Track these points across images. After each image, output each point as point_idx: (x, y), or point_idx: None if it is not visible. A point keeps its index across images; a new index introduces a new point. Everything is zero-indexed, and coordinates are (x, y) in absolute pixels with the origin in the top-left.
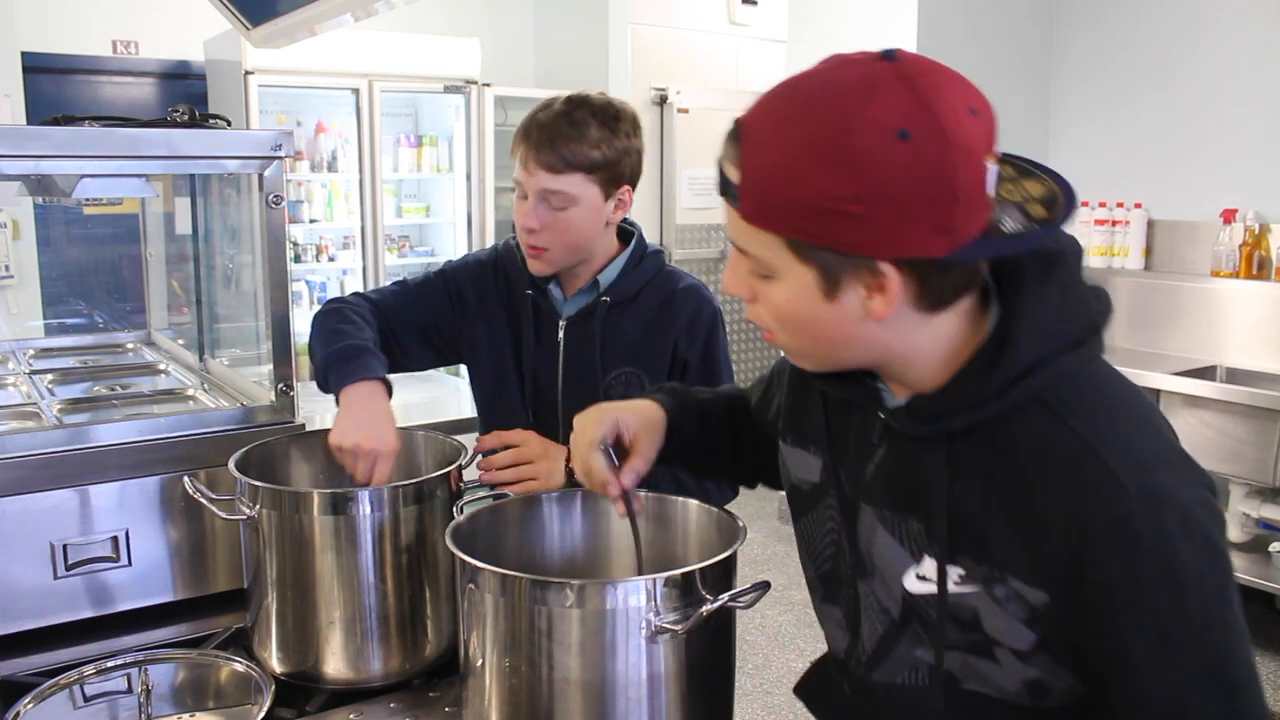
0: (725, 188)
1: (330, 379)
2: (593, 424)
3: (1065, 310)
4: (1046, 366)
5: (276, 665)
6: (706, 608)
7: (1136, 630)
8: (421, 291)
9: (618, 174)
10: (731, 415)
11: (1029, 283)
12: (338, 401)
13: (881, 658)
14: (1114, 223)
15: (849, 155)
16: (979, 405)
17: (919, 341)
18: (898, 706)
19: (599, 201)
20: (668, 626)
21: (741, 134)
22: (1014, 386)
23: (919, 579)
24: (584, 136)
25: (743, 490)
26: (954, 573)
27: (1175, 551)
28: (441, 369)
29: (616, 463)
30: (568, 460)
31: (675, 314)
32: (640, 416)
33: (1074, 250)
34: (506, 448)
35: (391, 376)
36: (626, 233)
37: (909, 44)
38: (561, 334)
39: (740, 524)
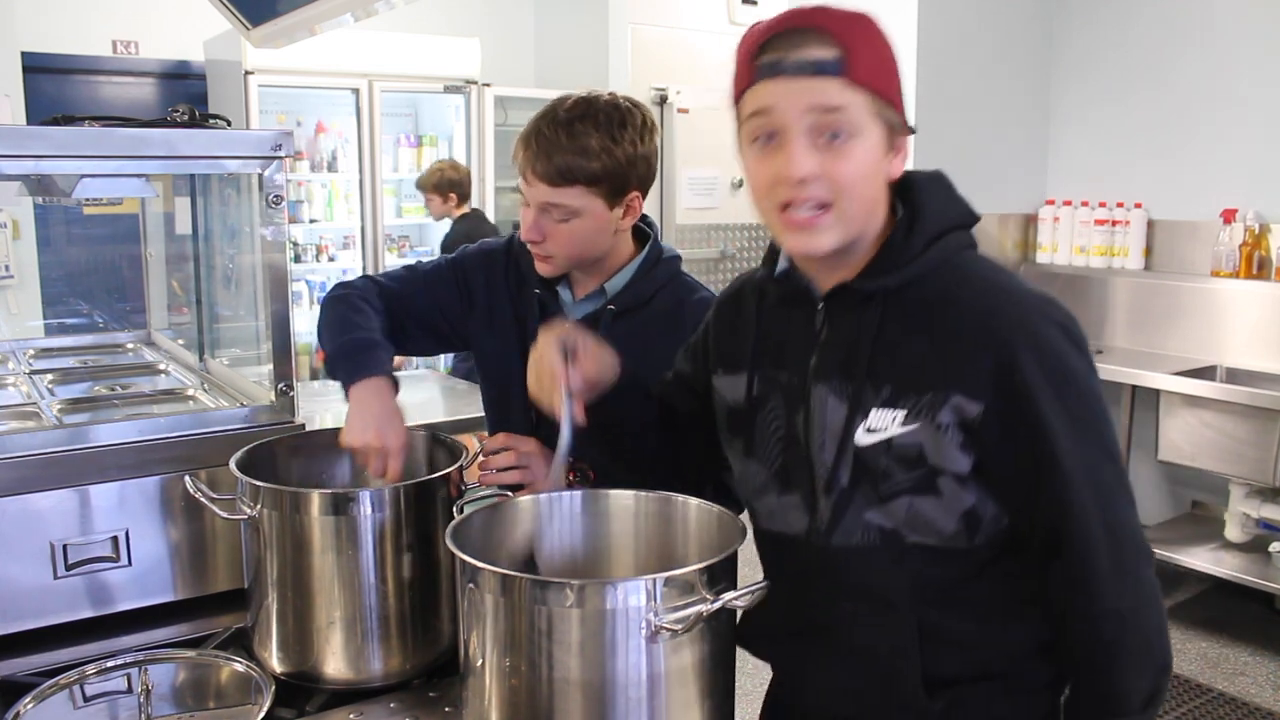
0: (816, 66)
1: (339, 373)
2: (557, 330)
3: (950, 202)
4: (947, 236)
5: (277, 665)
6: (706, 608)
7: (1055, 417)
8: (430, 279)
9: (623, 183)
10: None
11: (923, 184)
12: (347, 396)
13: (837, 522)
14: (1114, 223)
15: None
16: (905, 265)
17: (879, 214)
18: (854, 567)
19: (604, 211)
20: (668, 626)
21: (832, 21)
22: (928, 249)
23: (867, 432)
24: (584, 149)
25: None
26: (899, 415)
27: (1069, 356)
28: (441, 369)
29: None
30: (569, 473)
31: (683, 326)
32: (601, 348)
33: (940, 173)
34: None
35: (401, 374)
36: (644, 233)
37: (909, 44)
38: None
39: (740, 523)
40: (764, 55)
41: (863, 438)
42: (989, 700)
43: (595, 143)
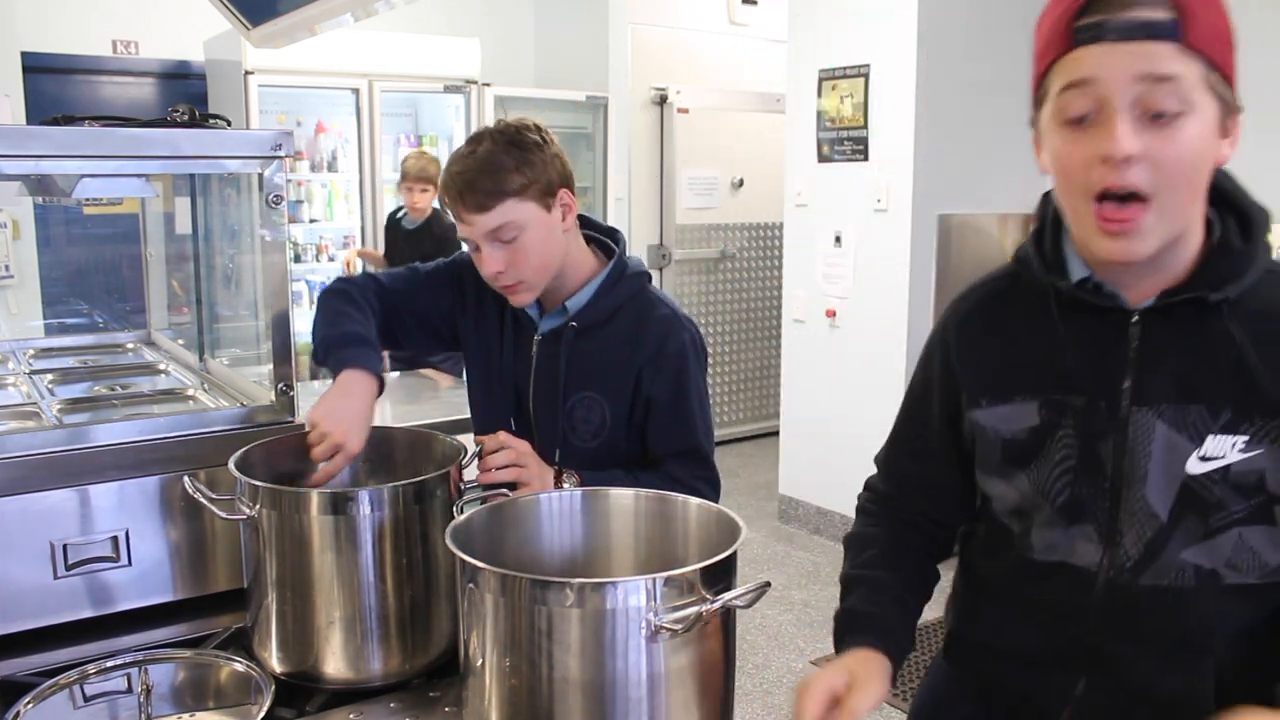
0: (1148, 28)
1: (330, 358)
2: (830, 672)
3: (1257, 202)
4: (1268, 243)
5: (276, 665)
6: (706, 608)
7: None
8: (429, 279)
9: (547, 184)
10: (920, 567)
11: (1233, 187)
12: (334, 378)
13: (1149, 561)
14: None
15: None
16: (1243, 272)
17: (1201, 209)
18: (1154, 608)
19: (543, 216)
20: (667, 626)
21: None
22: (1252, 258)
23: (1201, 460)
24: (498, 166)
25: (743, 490)
26: (1239, 441)
27: None
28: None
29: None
30: (556, 479)
31: (642, 344)
32: (865, 668)
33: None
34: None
35: (394, 376)
36: (608, 250)
37: (909, 44)
38: (535, 349)
39: (740, 524)
40: (1084, 16)
41: (1196, 466)
42: None
43: (505, 158)
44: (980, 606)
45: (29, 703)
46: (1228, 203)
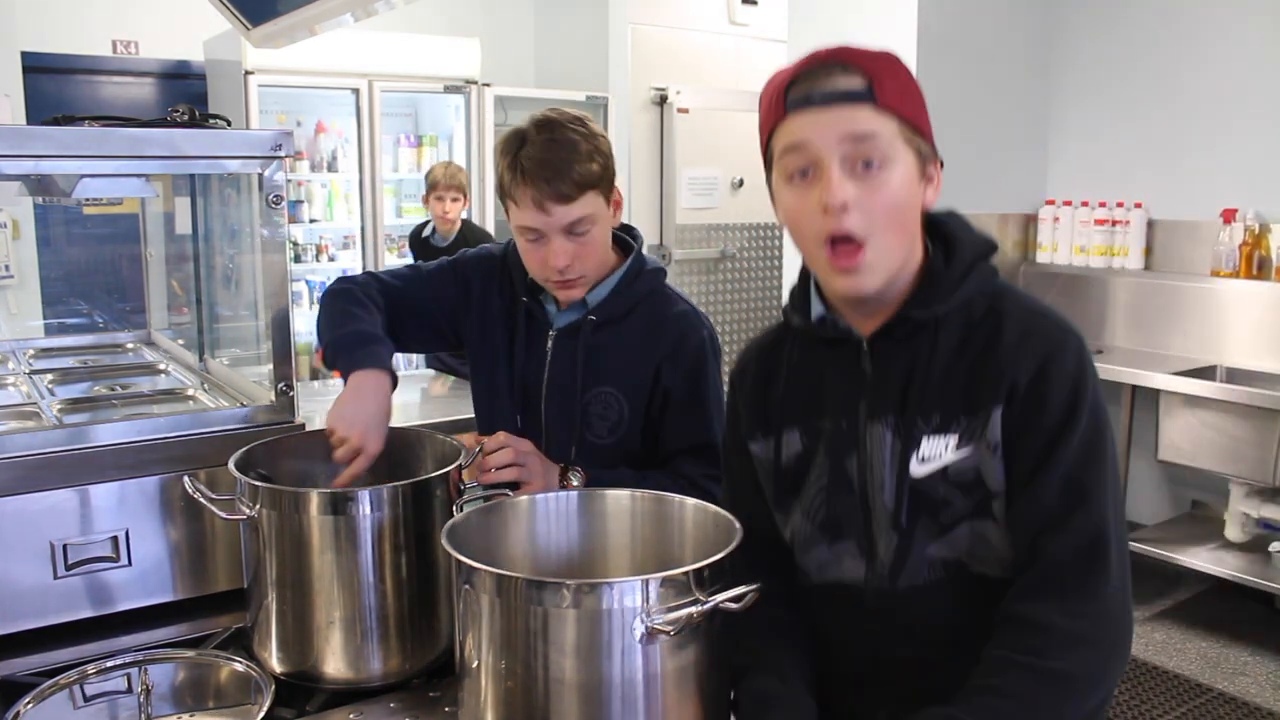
0: (846, 95)
1: (339, 361)
2: None
3: (973, 233)
4: (978, 266)
5: (276, 665)
6: (699, 609)
7: (1064, 434)
8: (431, 278)
9: (610, 178)
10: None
11: (945, 219)
12: (345, 382)
13: (901, 564)
14: (1114, 222)
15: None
16: (950, 293)
17: (917, 248)
18: (918, 610)
19: (606, 212)
20: (660, 628)
21: (856, 56)
22: (965, 279)
23: (921, 462)
24: (580, 154)
25: None
26: (950, 441)
27: (1084, 373)
28: (442, 369)
29: None
30: (561, 478)
31: (661, 339)
32: None
33: (955, 210)
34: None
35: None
36: (628, 245)
37: (909, 44)
38: (550, 345)
39: (737, 524)
40: (793, 90)
41: (917, 469)
42: None
43: (584, 146)
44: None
45: (29, 703)
46: (940, 236)
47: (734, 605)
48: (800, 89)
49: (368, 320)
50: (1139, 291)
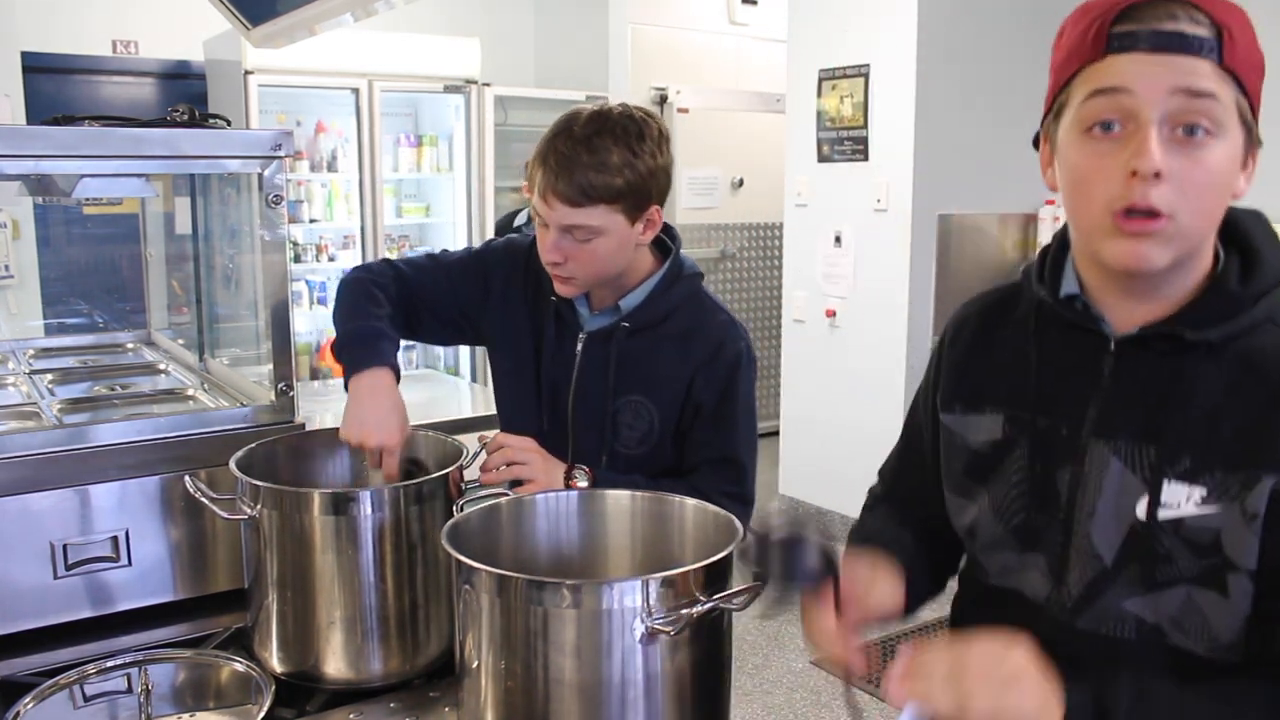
0: (1187, 42)
1: (342, 358)
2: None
3: (1276, 248)
4: (1276, 291)
5: (277, 665)
6: (697, 609)
7: None
8: (452, 269)
9: (644, 197)
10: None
11: (1250, 222)
12: (347, 386)
13: (1087, 604)
14: None
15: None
16: (1233, 316)
17: (1211, 240)
18: (1092, 655)
19: (625, 228)
20: (660, 628)
21: (1206, 1)
22: (1260, 300)
23: (1152, 506)
24: (605, 165)
25: None
26: (1196, 493)
27: None
28: (441, 369)
29: None
30: (566, 476)
31: (697, 349)
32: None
33: (1261, 213)
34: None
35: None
36: (666, 246)
37: (909, 44)
38: (580, 348)
39: (737, 525)
40: (1119, 24)
41: (1144, 511)
42: None
43: (616, 157)
44: (954, 625)
45: (29, 703)
46: (1238, 242)
47: (734, 605)
48: (1129, 24)
49: (373, 313)
50: None
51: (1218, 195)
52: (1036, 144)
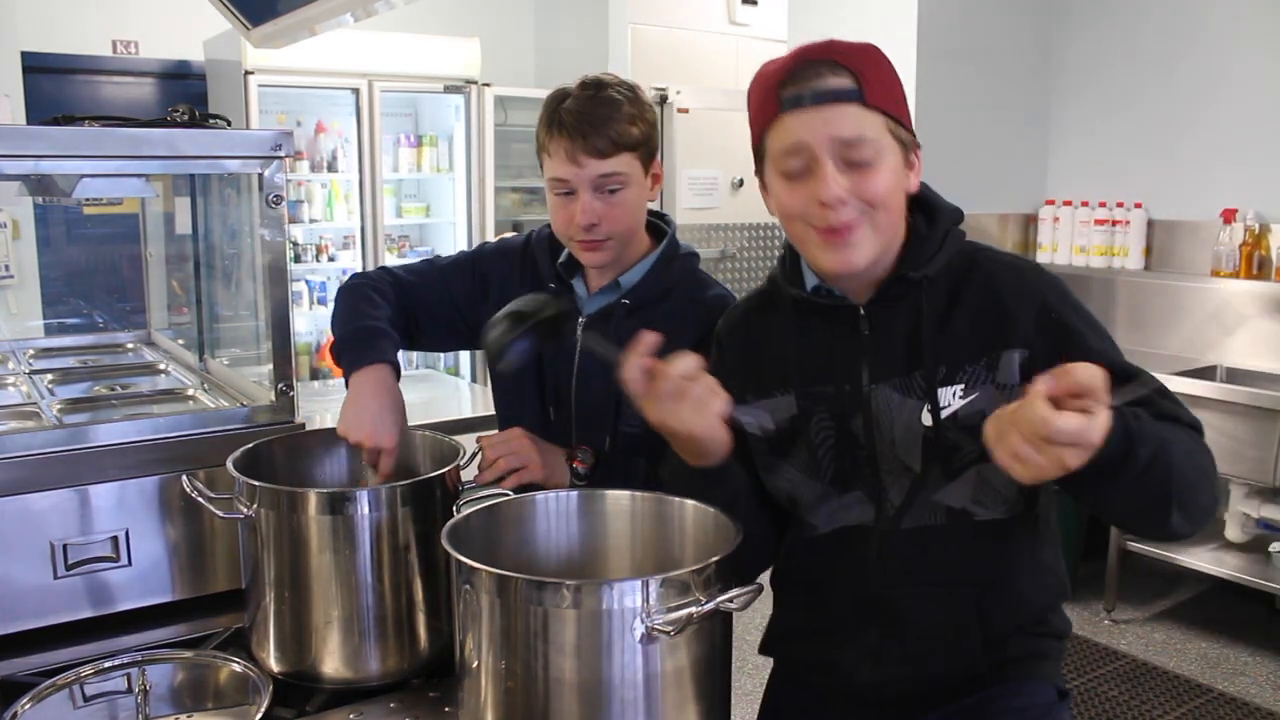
0: (836, 94)
1: (343, 360)
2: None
3: (946, 202)
4: (954, 230)
5: (275, 665)
6: (698, 609)
7: (1086, 331)
8: (448, 272)
9: (652, 148)
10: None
11: (923, 190)
12: (347, 384)
13: (909, 506)
14: (1114, 223)
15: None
16: (935, 254)
17: (902, 228)
18: (920, 548)
19: (643, 180)
20: (660, 628)
21: (843, 53)
22: (946, 239)
23: (930, 413)
24: (621, 114)
25: None
26: (957, 390)
27: (1072, 293)
28: (441, 369)
29: None
30: (570, 459)
31: (696, 324)
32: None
33: (925, 183)
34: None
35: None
36: (660, 231)
37: (909, 44)
38: (579, 332)
39: (737, 525)
40: (785, 90)
41: (928, 419)
42: (1030, 650)
43: (626, 109)
44: (785, 597)
45: (27, 703)
46: (920, 205)
47: (734, 605)
48: (792, 89)
49: (371, 315)
50: (1139, 291)
51: (891, 198)
52: (761, 180)
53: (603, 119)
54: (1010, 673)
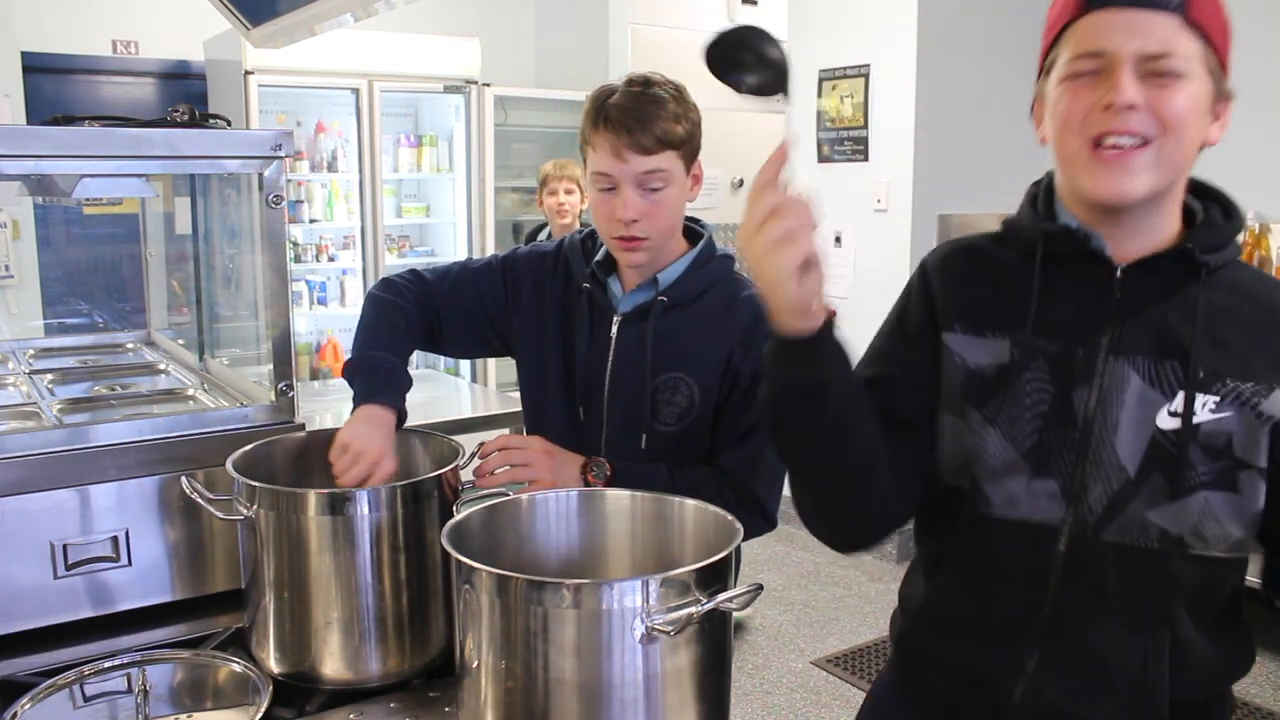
0: (1155, 1)
1: (354, 384)
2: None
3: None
4: (1241, 233)
5: (274, 665)
6: (698, 609)
7: None
8: (479, 275)
9: (694, 148)
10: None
11: (1217, 187)
12: (355, 407)
13: (1112, 517)
14: None
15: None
16: (1224, 245)
17: (1187, 175)
18: (1117, 568)
19: (684, 179)
20: (660, 628)
21: None
22: (1234, 238)
23: (1171, 416)
24: (667, 112)
25: None
26: (1210, 401)
27: None
28: (441, 368)
29: None
30: (583, 468)
31: (734, 323)
32: None
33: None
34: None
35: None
36: (695, 234)
37: (909, 44)
38: (615, 330)
39: (737, 526)
40: None
41: (1166, 421)
42: None
43: (672, 107)
44: (930, 582)
45: (26, 703)
46: (1207, 194)
47: (734, 606)
48: None
49: (392, 345)
50: None
51: (1189, 127)
52: (1033, 114)
53: (650, 116)
54: None
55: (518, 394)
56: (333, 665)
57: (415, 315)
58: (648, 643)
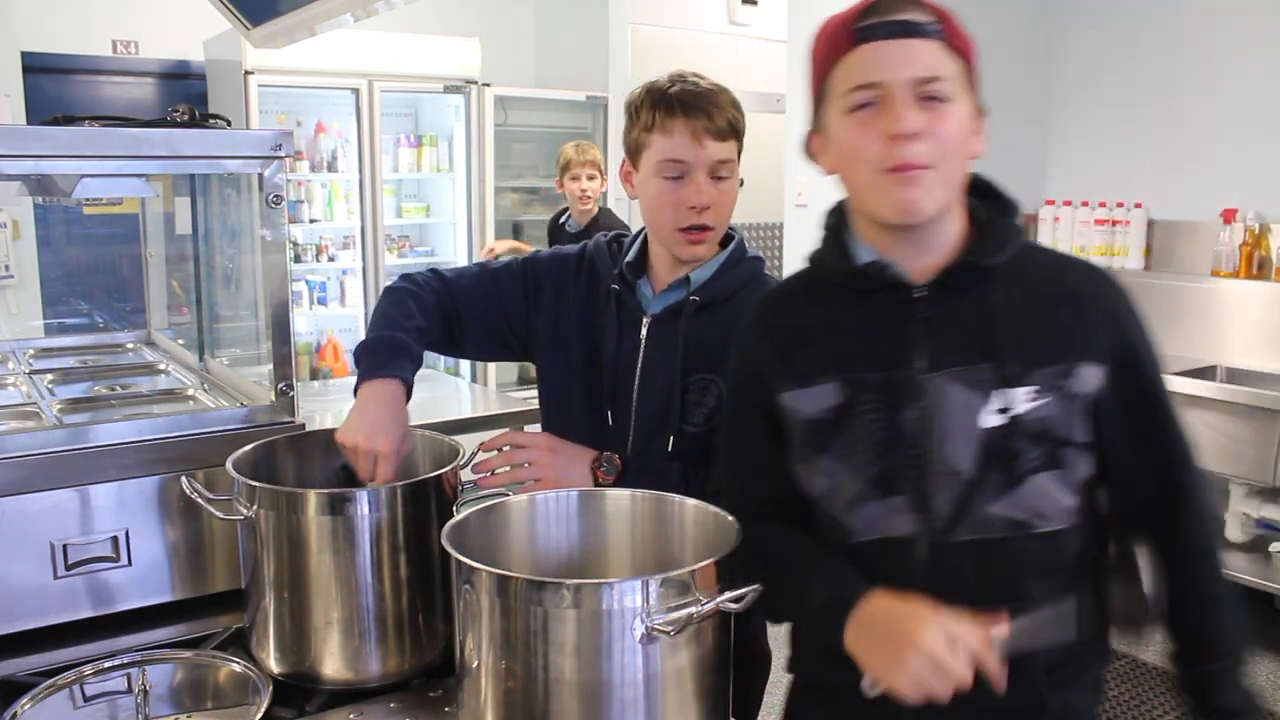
0: (919, 28)
1: (359, 366)
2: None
3: (1009, 193)
4: (1020, 224)
5: (274, 666)
6: (698, 609)
7: (1148, 361)
8: (499, 276)
9: (743, 144)
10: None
11: (983, 179)
12: (356, 392)
13: (960, 518)
14: (1114, 223)
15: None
16: (1006, 243)
17: (960, 194)
18: (972, 564)
19: (738, 173)
20: (660, 628)
21: None
22: (1014, 232)
23: (997, 413)
24: (729, 101)
25: None
26: (1026, 391)
27: (1138, 307)
28: (440, 368)
29: None
30: (594, 464)
31: None
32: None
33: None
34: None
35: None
36: (725, 235)
37: None
38: (644, 332)
39: (737, 525)
40: (861, 22)
41: (990, 419)
42: (1086, 680)
43: (730, 97)
44: None
45: (26, 704)
46: (985, 193)
47: (734, 605)
48: (871, 19)
49: (402, 326)
50: (1139, 291)
51: (962, 146)
52: (807, 149)
53: (720, 103)
54: (1074, 703)
55: (518, 394)
56: (333, 665)
57: (432, 305)
58: (648, 643)
